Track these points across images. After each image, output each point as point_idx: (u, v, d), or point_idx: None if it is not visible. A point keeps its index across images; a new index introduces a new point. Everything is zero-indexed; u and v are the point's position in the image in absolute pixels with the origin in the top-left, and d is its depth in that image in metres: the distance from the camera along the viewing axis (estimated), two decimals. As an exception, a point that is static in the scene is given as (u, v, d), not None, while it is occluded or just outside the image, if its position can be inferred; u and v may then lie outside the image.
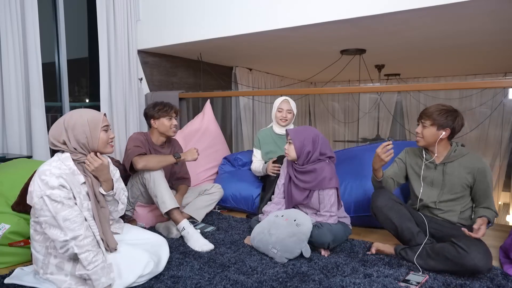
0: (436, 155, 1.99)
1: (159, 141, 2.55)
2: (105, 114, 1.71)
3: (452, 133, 1.94)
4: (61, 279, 1.56)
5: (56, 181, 1.51)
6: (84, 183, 1.63)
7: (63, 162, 1.59)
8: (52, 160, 1.59)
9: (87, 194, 1.64)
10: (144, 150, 2.39)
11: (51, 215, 1.49)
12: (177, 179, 2.72)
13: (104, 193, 1.70)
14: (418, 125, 2.00)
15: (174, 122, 2.53)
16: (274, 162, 2.67)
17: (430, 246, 1.84)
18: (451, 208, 1.97)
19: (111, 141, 1.72)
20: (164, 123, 2.49)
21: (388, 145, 1.94)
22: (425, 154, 2.05)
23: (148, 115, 2.53)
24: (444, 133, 1.91)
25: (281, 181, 2.34)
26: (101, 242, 1.62)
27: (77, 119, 1.61)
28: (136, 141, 2.40)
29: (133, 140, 2.42)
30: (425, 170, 2.03)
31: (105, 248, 1.63)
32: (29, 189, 1.54)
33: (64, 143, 1.60)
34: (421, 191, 2.04)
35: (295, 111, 2.87)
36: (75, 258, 1.55)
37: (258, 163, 2.89)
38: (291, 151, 2.17)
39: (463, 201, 1.97)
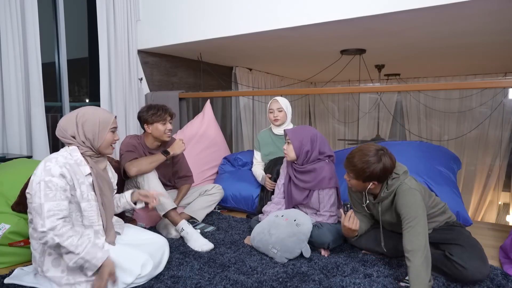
0: (367, 201, 1.88)
1: (153, 145, 2.48)
2: (115, 117, 1.78)
3: (380, 181, 1.76)
4: (58, 275, 1.57)
5: (58, 170, 1.54)
6: (90, 174, 1.67)
7: (71, 153, 1.65)
8: (60, 151, 1.66)
9: (92, 185, 1.68)
10: (137, 155, 2.35)
11: (40, 202, 1.49)
12: (180, 178, 2.69)
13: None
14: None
15: (169, 126, 2.43)
16: (267, 168, 2.69)
17: None
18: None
19: (115, 143, 1.76)
20: (158, 128, 2.39)
21: (351, 213, 1.81)
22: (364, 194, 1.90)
23: (142, 119, 2.43)
24: (371, 184, 1.75)
25: (281, 181, 2.34)
26: (100, 231, 1.65)
27: (89, 116, 1.68)
28: (128, 146, 2.35)
29: (125, 145, 2.37)
30: (371, 209, 1.92)
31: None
32: (31, 178, 1.57)
33: (73, 136, 1.66)
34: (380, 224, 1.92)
35: (287, 108, 2.81)
36: (58, 252, 1.54)
37: (258, 167, 2.88)
38: (290, 151, 2.17)
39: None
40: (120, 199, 1.94)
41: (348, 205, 1.84)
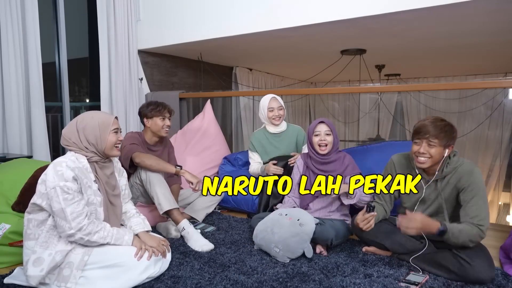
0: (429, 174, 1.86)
1: (152, 141, 2.57)
2: (116, 117, 1.77)
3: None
4: (66, 248, 1.59)
5: (71, 174, 1.57)
6: (95, 181, 1.69)
7: (78, 159, 1.66)
8: (67, 155, 1.66)
9: (99, 190, 1.69)
10: (141, 147, 2.41)
11: (60, 207, 1.53)
12: (169, 176, 2.67)
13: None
14: (419, 144, 1.77)
15: (167, 122, 2.53)
16: (274, 164, 2.62)
17: (431, 255, 1.80)
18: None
19: (119, 143, 1.76)
20: (157, 122, 2.50)
21: (370, 216, 1.80)
22: (417, 170, 1.87)
23: (142, 114, 2.54)
24: (447, 151, 1.75)
25: (295, 180, 2.36)
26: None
27: (89, 121, 1.68)
28: (132, 139, 2.42)
29: (128, 138, 2.43)
30: (421, 189, 1.87)
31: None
32: (42, 177, 1.59)
33: (76, 143, 1.66)
34: (415, 210, 1.89)
35: (284, 105, 2.83)
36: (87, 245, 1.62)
37: (256, 165, 2.78)
38: (329, 142, 2.23)
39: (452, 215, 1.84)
40: (128, 219, 1.88)
41: (372, 206, 1.83)
